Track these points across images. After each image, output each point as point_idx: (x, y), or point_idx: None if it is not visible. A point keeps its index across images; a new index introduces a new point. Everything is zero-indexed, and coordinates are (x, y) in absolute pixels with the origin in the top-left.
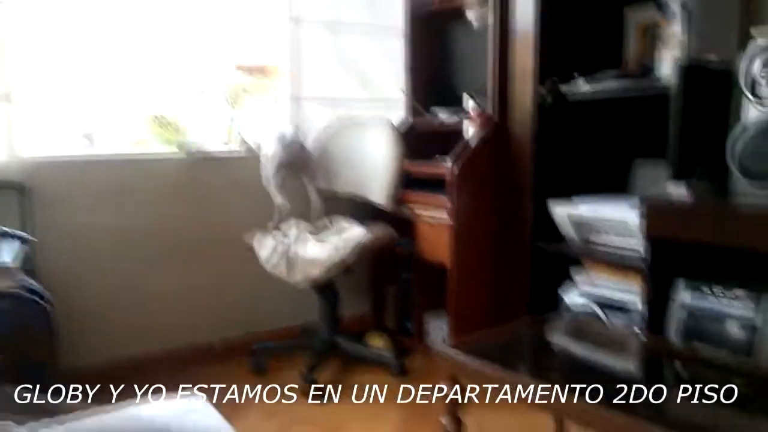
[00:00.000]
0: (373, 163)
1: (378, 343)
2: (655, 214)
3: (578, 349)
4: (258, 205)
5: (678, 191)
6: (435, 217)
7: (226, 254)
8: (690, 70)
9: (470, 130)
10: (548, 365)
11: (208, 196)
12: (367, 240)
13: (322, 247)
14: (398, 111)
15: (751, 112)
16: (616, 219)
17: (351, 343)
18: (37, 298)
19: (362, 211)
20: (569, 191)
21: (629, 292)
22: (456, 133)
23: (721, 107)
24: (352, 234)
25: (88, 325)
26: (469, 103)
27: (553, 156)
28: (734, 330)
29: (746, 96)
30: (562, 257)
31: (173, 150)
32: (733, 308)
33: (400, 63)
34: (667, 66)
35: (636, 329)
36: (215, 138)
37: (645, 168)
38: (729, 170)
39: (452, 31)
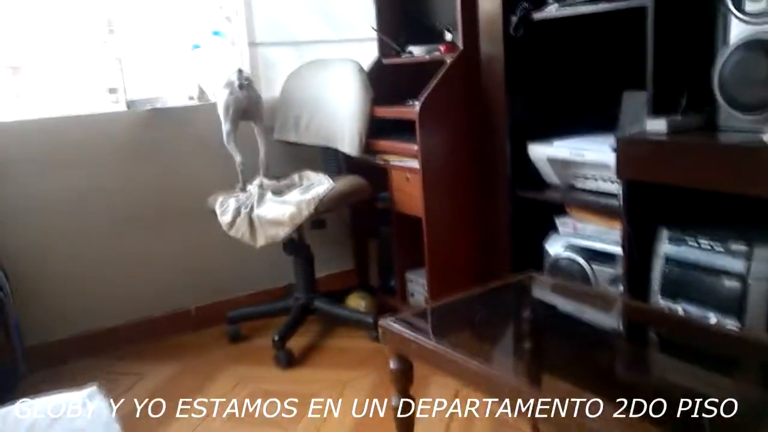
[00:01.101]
0: (340, 110)
1: (358, 303)
2: (629, 154)
3: (542, 320)
4: (227, 162)
5: (657, 126)
6: (408, 166)
7: (197, 216)
8: None
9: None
10: (507, 339)
11: (170, 154)
12: (331, 195)
13: (283, 206)
14: (371, 52)
15: (737, 31)
16: (597, 161)
17: (329, 304)
18: None
19: (336, 163)
20: (551, 130)
21: (615, 242)
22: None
23: (706, 26)
24: (315, 189)
25: (55, 299)
26: (447, 38)
27: (530, 91)
28: (724, 286)
29: (732, 12)
30: (545, 205)
31: (118, 104)
32: (722, 261)
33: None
34: None
35: (615, 288)
36: (174, 90)
37: (634, 101)
38: (716, 100)
39: None
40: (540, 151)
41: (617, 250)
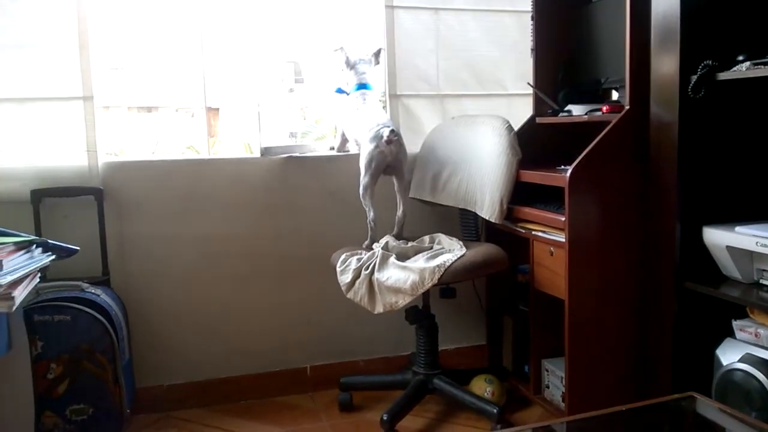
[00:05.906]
0: (481, 171)
1: (484, 388)
2: None
3: None
4: (357, 217)
5: None
6: (552, 239)
7: (321, 271)
8: None
9: None
10: None
11: (300, 204)
12: (460, 264)
13: (404, 272)
14: (524, 109)
15: None
16: None
17: (451, 385)
18: (95, 313)
19: (474, 228)
20: (733, 212)
21: None
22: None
23: None
24: (442, 257)
25: (172, 343)
26: (614, 97)
27: (708, 163)
28: None
29: None
30: (721, 303)
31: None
32: None
33: (525, 53)
34: None
35: None
36: (319, 140)
37: None
38: None
39: (593, 8)
40: (718, 237)
41: None
